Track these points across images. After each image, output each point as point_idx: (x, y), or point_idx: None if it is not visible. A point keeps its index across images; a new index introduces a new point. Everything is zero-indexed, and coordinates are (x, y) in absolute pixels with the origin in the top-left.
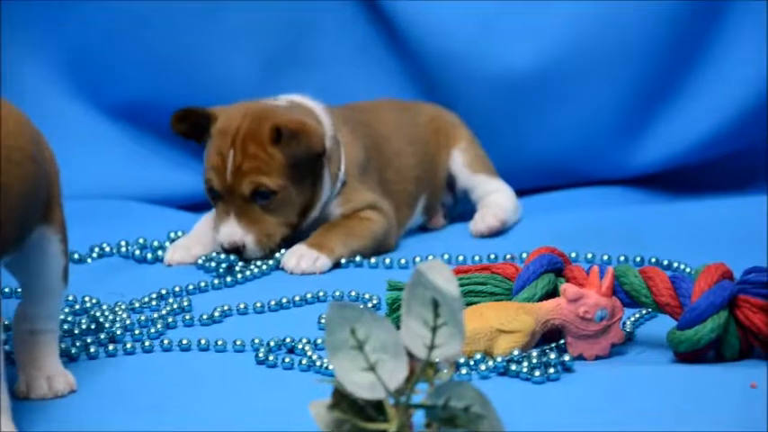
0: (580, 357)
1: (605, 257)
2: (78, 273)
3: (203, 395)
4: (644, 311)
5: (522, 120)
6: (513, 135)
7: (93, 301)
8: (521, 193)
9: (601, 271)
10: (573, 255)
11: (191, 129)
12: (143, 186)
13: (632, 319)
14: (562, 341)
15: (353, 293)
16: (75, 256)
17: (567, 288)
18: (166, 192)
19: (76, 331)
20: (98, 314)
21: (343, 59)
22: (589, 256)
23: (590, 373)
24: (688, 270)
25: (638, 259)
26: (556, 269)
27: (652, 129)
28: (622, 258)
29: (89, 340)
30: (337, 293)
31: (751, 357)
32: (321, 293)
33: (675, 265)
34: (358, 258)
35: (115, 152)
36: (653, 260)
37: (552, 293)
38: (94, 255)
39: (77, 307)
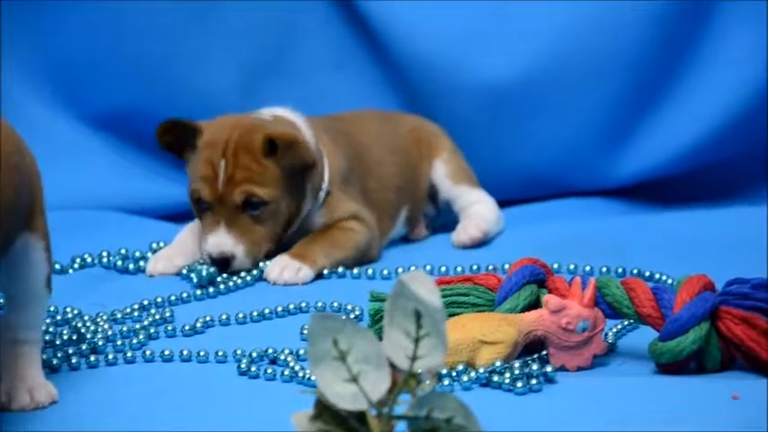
0: (562, 368)
1: (587, 268)
2: (60, 283)
3: (185, 406)
4: (626, 323)
5: (503, 130)
6: (495, 146)
7: (75, 311)
8: (503, 203)
9: (583, 282)
10: (555, 266)
11: (175, 141)
12: (124, 197)
13: (614, 330)
14: (544, 352)
15: (336, 304)
16: (57, 266)
17: (549, 299)
18: (148, 202)
19: (58, 342)
20: (80, 325)
21: (325, 69)
22: (571, 267)
23: (572, 384)
24: (670, 281)
25: (620, 270)
26: (538, 280)
27: (634, 139)
28: (604, 269)
29: (71, 351)
30: (320, 304)
31: (733, 369)
32: (304, 304)
33: (657, 276)
34: (341, 269)
35: (96, 162)
36: (635, 271)
37: (534, 305)
38: (76, 265)
39: (59, 318)
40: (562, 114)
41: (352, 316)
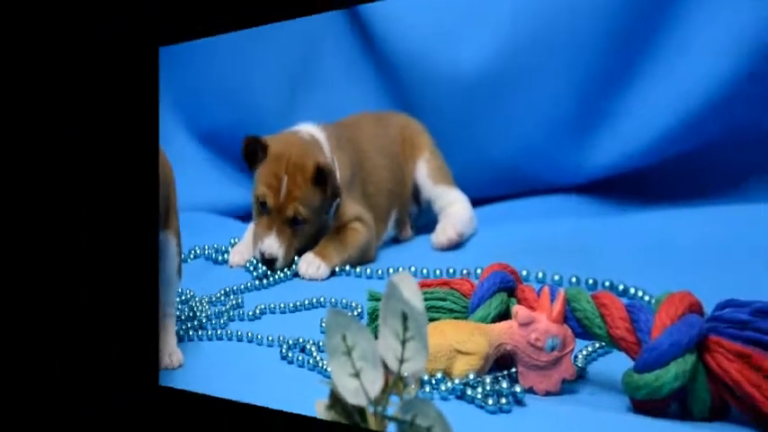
0: (531, 390)
1: (556, 277)
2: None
3: (243, 383)
4: (597, 345)
5: (472, 123)
6: (464, 141)
7: (191, 293)
8: (477, 202)
9: (552, 292)
10: (524, 273)
11: (251, 153)
12: (217, 201)
13: (584, 352)
14: (514, 369)
15: (344, 301)
16: None
17: (518, 311)
18: (231, 205)
19: (182, 317)
20: (193, 305)
21: (336, 79)
22: (540, 275)
23: (541, 409)
24: (647, 298)
25: (591, 282)
26: (508, 288)
27: (605, 127)
28: (574, 280)
29: (189, 325)
30: (333, 300)
31: (726, 419)
32: (322, 299)
33: (632, 291)
34: (347, 267)
35: (202, 173)
36: (607, 284)
37: (505, 313)
38: (192, 256)
39: (183, 297)
40: (528, 105)
41: (355, 313)
